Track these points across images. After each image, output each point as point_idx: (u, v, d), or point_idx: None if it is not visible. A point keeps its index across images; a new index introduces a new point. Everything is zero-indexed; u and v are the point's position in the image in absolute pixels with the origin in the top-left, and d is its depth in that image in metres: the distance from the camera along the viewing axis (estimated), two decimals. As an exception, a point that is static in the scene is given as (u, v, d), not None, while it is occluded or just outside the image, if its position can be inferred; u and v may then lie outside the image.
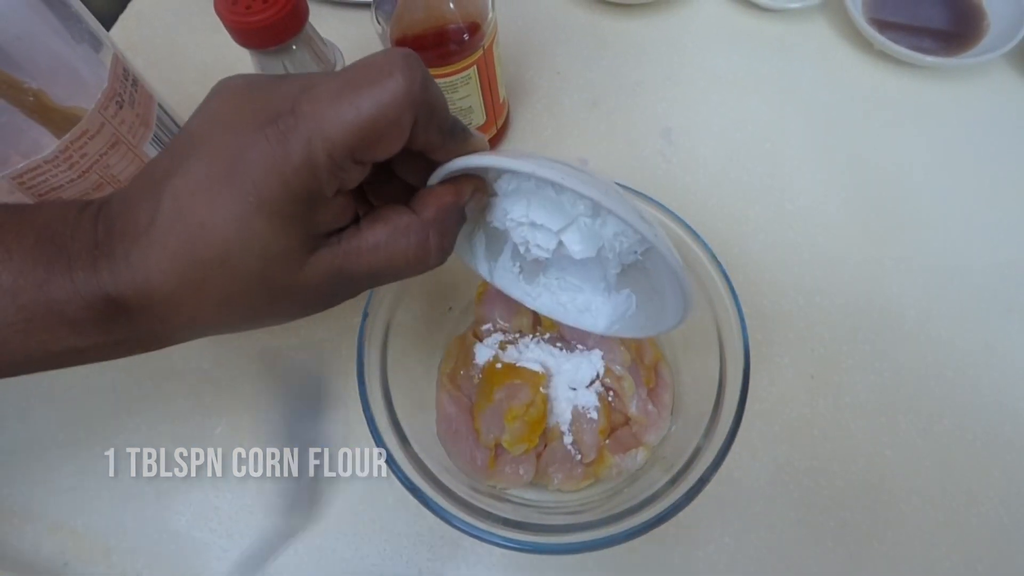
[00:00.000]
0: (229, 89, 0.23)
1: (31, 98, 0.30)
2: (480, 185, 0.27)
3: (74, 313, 0.21)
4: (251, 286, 0.22)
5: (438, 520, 0.28)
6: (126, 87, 0.35)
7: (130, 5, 0.57)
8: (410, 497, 0.29)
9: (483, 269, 0.33)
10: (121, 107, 0.34)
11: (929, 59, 0.49)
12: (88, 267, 0.21)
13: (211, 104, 0.23)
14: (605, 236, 0.28)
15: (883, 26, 0.51)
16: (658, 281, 0.30)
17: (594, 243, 0.28)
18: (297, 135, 0.21)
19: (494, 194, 0.28)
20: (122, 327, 0.22)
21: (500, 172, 0.27)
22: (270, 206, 0.21)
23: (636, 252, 0.29)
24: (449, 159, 0.25)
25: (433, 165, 0.26)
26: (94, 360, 0.23)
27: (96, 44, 0.34)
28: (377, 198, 0.27)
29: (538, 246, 0.28)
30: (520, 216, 0.28)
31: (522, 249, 0.29)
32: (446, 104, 0.24)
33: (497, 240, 0.32)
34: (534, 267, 0.33)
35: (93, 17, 0.34)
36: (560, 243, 0.28)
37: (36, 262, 0.21)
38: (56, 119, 0.31)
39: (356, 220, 0.24)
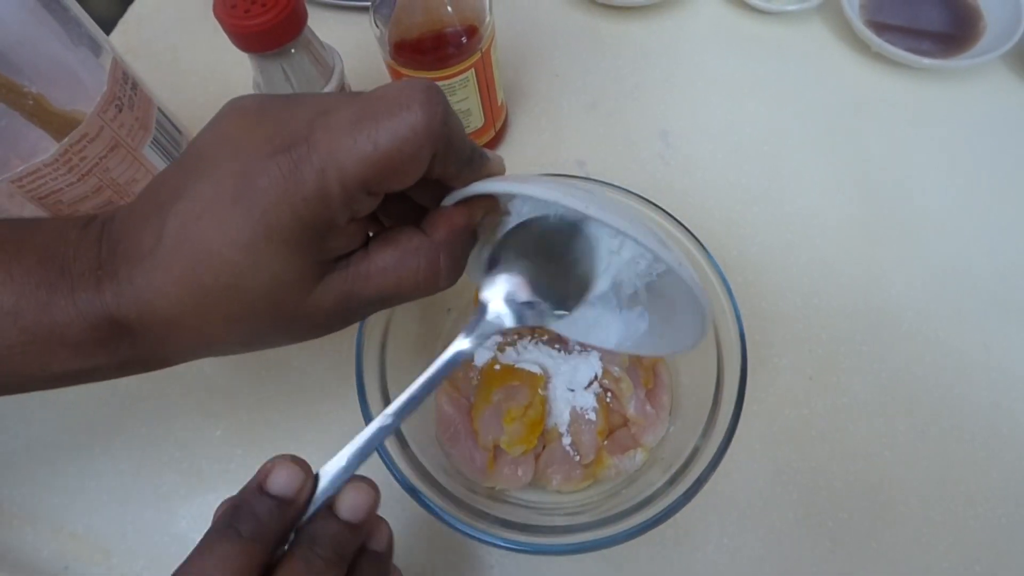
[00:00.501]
0: (240, 110, 0.22)
1: (31, 102, 0.30)
2: (493, 205, 0.26)
3: (76, 335, 0.21)
4: (258, 311, 0.21)
5: (437, 522, 0.28)
6: (125, 90, 0.35)
7: (130, 9, 0.58)
8: (409, 499, 0.29)
9: None
10: (120, 110, 0.34)
11: (926, 61, 0.49)
12: (91, 288, 0.21)
13: (220, 124, 0.22)
14: (623, 259, 0.28)
15: (880, 28, 0.52)
16: (674, 302, 0.29)
17: (612, 267, 0.28)
18: (310, 165, 0.20)
19: (507, 213, 0.28)
20: (125, 349, 0.22)
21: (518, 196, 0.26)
22: (279, 234, 0.20)
23: (653, 273, 0.29)
24: (465, 185, 0.25)
25: (447, 187, 0.25)
26: (97, 380, 0.23)
27: (95, 48, 0.34)
28: (388, 217, 0.26)
29: None
30: None
31: None
32: (464, 134, 0.23)
33: None
34: None
35: (92, 21, 0.34)
36: None
37: (38, 283, 0.21)
38: (56, 123, 0.31)
39: (366, 241, 0.24)
